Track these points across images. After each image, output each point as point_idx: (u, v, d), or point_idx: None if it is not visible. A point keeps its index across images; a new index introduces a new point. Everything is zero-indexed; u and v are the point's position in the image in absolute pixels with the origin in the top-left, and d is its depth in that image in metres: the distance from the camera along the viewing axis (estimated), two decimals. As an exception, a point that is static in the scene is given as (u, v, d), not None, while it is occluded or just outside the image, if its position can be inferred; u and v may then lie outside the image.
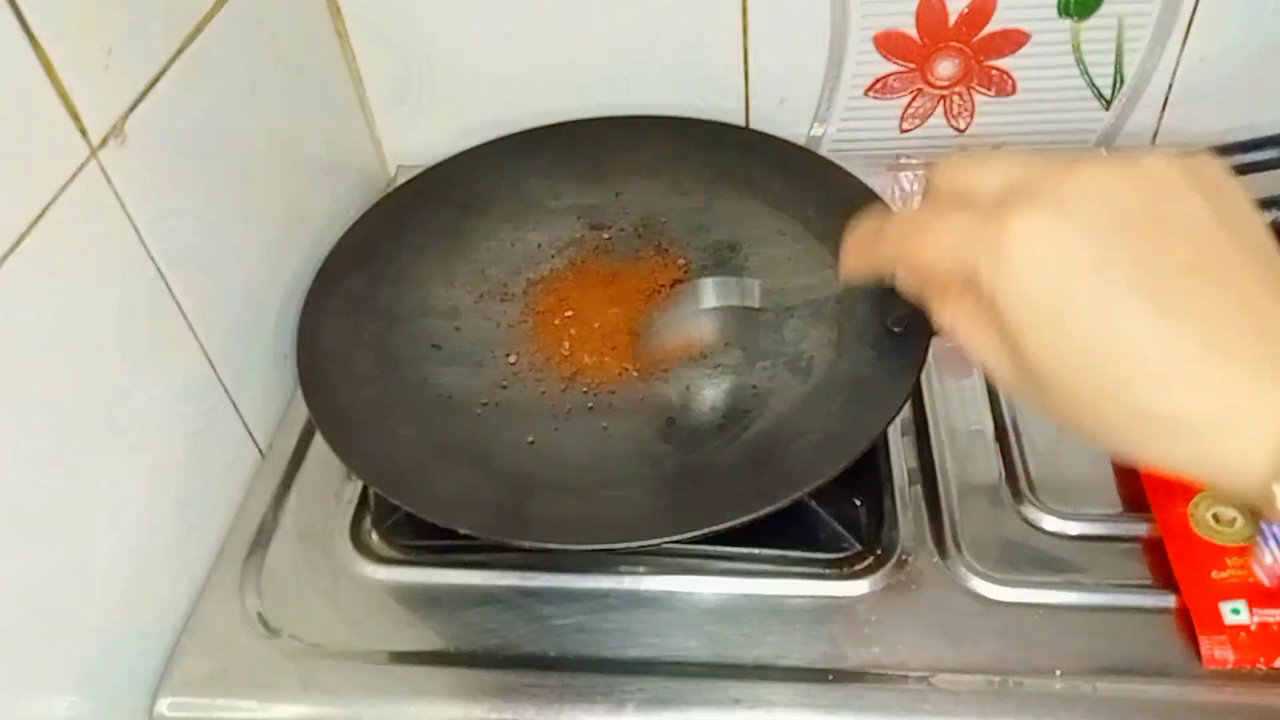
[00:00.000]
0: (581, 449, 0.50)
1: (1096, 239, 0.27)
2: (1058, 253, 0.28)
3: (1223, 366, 0.26)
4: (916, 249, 0.32)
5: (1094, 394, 0.28)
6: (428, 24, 0.66)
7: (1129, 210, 0.28)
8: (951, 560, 0.47)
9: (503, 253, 0.61)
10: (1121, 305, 0.27)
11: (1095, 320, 0.27)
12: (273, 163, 0.57)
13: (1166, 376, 0.27)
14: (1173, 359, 0.26)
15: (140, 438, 0.46)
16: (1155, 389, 0.27)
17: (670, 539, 0.44)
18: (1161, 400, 0.27)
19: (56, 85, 0.40)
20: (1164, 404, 0.27)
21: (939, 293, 0.33)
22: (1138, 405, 0.27)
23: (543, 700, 0.43)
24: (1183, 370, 0.26)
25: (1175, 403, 0.27)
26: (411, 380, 0.54)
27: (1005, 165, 0.30)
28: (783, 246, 0.58)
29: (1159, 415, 0.27)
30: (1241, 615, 0.43)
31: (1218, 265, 0.27)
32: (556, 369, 0.54)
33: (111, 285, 0.44)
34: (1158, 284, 0.27)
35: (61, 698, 0.42)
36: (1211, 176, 0.29)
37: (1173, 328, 0.27)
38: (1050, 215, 0.28)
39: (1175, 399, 0.27)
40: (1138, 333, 0.27)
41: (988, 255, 0.29)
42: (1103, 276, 0.27)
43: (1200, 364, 0.26)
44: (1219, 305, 0.27)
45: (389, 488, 0.47)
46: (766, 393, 0.52)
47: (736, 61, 0.66)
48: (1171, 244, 0.27)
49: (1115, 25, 0.63)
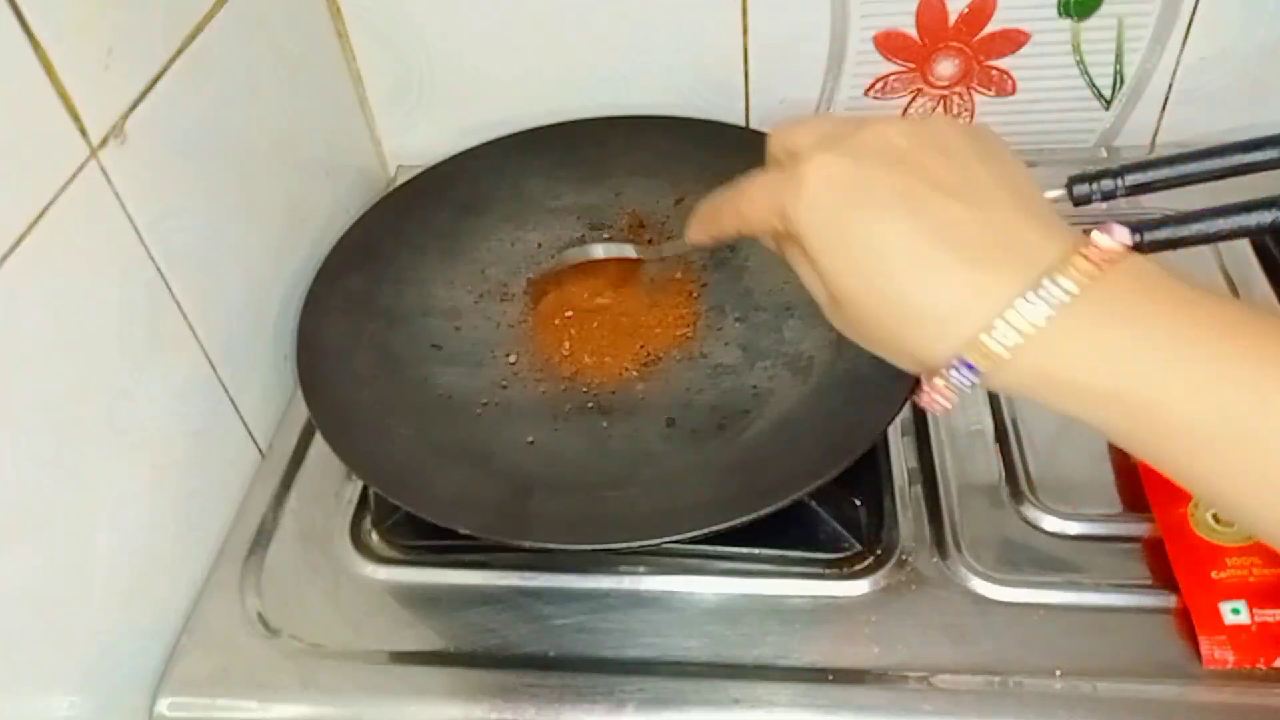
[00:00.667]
0: (581, 449, 0.50)
1: (870, 170, 0.32)
2: (837, 183, 0.33)
3: (956, 258, 0.31)
4: (743, 207, 0.37)
5: (872, 300, 0.32)
6: (428, 24, 0.66)
7: (902, 148, 0.33)
8: (951, 560, 0.47)
9: (503, 252, 0.61)
10: (879, 211, 0.32)
11: (864, 230, 0.32)
12: (273, 163, 0.57)
13: (917, 271, 0.31)
14: (922, 256, 0.31)
15: (140, 438, 0.46)
16: (909, 282, 0.31)
17: (670, 539, 0.44)
18: (913, 292, 0.31)
19: (56, 85, 0.40)
20: (915, 295, 0.31)
21: (776, 242, 0.38)
22: (898, 300, 0.32)
23: (543, 700, 0.43)
24: (930, 266, 0.31)
25: (923, 295, 0.31)
26: (411, 380, 0.54)
27: (818, 125, 0.35)
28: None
29: (912, 306, 0.31)
30: (1241, 615, 0.43)
31: (973, 190, 0.32)
32: (556, 369, 0.54)
33: (111, 285, 0.44)
34: (916, 200, 0.31)
35: (62, 697, 0.42)
36: (984, 132, 0.34)
37: (925, 233, 0.31)
38: (834, 155, 0.33)
39: (923, 292, 0.31)
40: (895, 236, 0.31)
41: (789, 197, 0.33)
42: (870, 195, 0.32)
43: (938, 255, 0.31)
44: (968, 219, 0.31)
45: (389, 488, 0.47)
46: (766, 393, 0.52)
47: (736, 61, 0.66)
48: (934, 172, 0.32)
49: (1115, 25, 0.63)
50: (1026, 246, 0.31)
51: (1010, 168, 0.33)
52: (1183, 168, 0.40)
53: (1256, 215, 0.38)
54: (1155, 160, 0.40)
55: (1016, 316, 0.29)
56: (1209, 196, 0.41)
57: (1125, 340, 0.29)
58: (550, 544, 0.45)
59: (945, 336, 0.31)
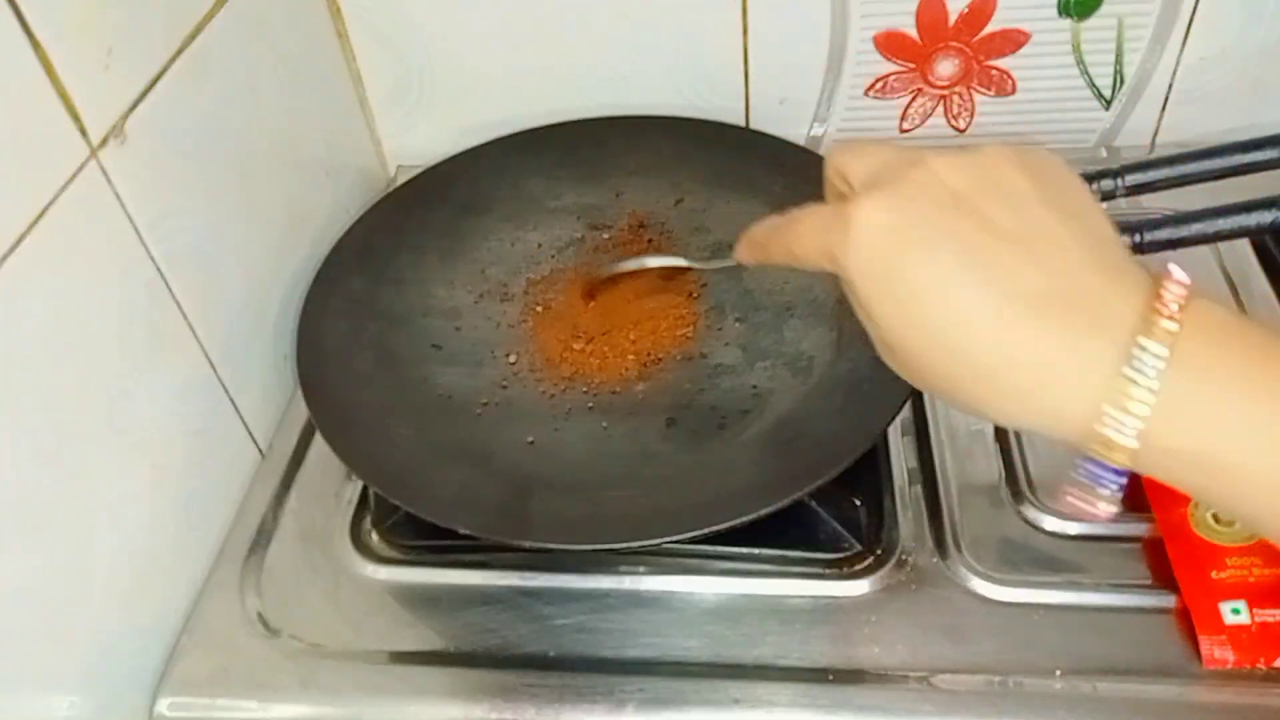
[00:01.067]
0: (582, 449, 0.50)
1: (926, 217, 0.30)
2: (890, 231, 0.31)
3: (1037, 326, 0.29)
4: (793, 245, 0.35)
5: (934, 356, 0.31)
6: (428, 24, 0.66)
7: (959, 191, 0.30)
8: (951, 560, 0.47)
9: (503, 253, 0.61)
10: (946, 273, 0.30)
11: (924, 287, 0.30)
12: (273, 163, 0.57)
13: (988, 335, 0.29)
14: (992, 319, 0.29)
15: (140, 438, 0.46)
16: (981, 347, 0.29)
17: (670, 539, 0.44)
18: (986, 357, 0.29)
19: (56, 85, 0.40)
20: (988, 360, 0.29)
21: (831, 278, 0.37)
22: (968, 363, 0.30)
23: (543, 700, 0.43)
24: (1002, 329, 0.29)
25: (997, 359, 0.29)
26: (411, 380, 0.54)
27: (874, 155, 0.33)
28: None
29: (986, 371, 0.29)
30: (1241, 615, 0.43)
31: (1037, 237, 0.30)
32: (556, 369, 0.54)
33: (111, 285, 0.44)
34: (981, 253, 0.29)
35: (62, 697, 0.42)
36: (1042, 162, 0.32)
37: (980, 284, 0.29)
38: (886, 199, 0.31)
39: (996, 355, 0.29)
40: (950, 288, 0.29)
41: (838, 239, 0.32)
42: (930, 248, 0.30)
43: (1018, 324, 0.29)
44: (1037, 272, 0.29)
45: (389, 488, 0.47)
46: (767, 393, 0.52)
47: (736, 61, 0.66)
48: (996, 219, 0.30)
49: (1115, 25, 0.63)
50: (1103, 304, 0.29)
51: (1075, 204, 0.31)
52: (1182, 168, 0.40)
53: (1256, 215, 0.38)
54: (1155, 160, 0.40)
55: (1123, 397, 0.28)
56: (1209, 196, 0.41)
57: (1208, 398, 0.28)
58: (550, 544, 0.45)
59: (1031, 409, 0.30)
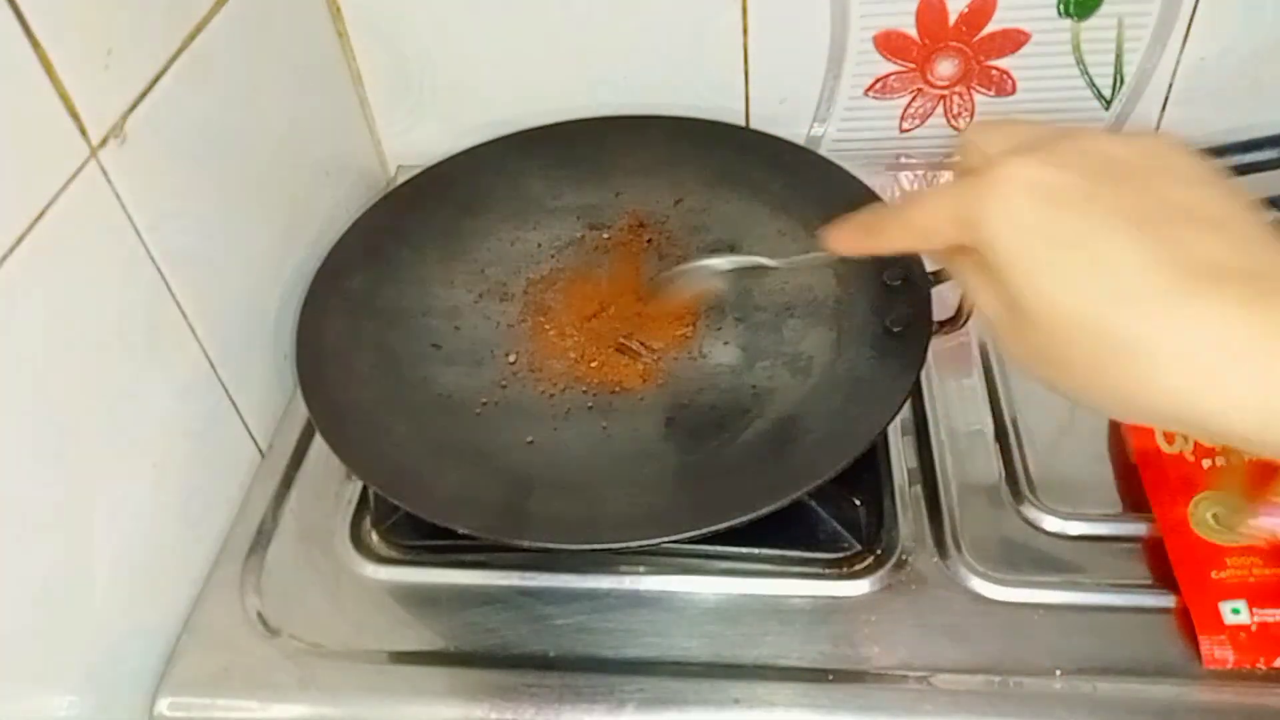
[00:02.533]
0: (581, 449, 0.50)
1: (1086, 180, 0.28)
2: (1046, 189, 0.28)
3: (1213, 298, 0.26)
4: (917, 216, 0.33)
5: (1083, 330, 0.27)
6: (428, 24, 0.66)
7: (1119, 160, 0.29)
8: (951, 560, 0.47)
9: (502, 252, 0.61)
10: (1107, 229, 0.27)
11: (1079, 244, 0.27)
12: (273, 163, 0.57)
13: (1153, 301, 0.26)
14: (1158, 282, 0.26)
15: (140, 437, 0.46)
16: (1139, 308, 0.26)
17: (670, 538, 0.44)
18: (1144, 321, 0.26)
19: (56, 85, 0.40)
20: (1146, 325, 0.26)
21: (946, 257, 0.34)
22: (1125, 335, 0.27)
23: (542, 700, 0.43)
24: (1171, 295, 0.26)
25: (1160, 325, 0.26)
26: (411, 380, 0.54)
27: (1015, 131, 0.31)
28: (782, 246, 0.58)
29: (1144, 338, 0.26)
30: (1241, 615, 0.43)
31: (1208, 209, 0.27)
32: (556, 368, 0.54)
33: (112, 285, 0.44)
34: (1147, 217, 0.27)
35: (62, 697, 0.42)
36: (1196, 152, 0.30)
37: (1160, 253, 0.26)
38: (1039, 158, 0.29)
39: (1160, 321, 0.26)
40: (1123, 256, 0.27)
41: (979, 200, 0.29)
42: (1088, 203, 0.28)
43: (1187, 292, 0.26)
44: (1210, 241, 0.27)
45: (388, 487, 0.47)
46: (766, 393, 0.52)
47: (736, 61, 0.66)
48: (1162, 187, 0.28)
49: (1115, 25, 0.63)
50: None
51: (1239, 192, 0.29)
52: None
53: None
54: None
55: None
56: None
57: None
58: (549, 544, 0.45)
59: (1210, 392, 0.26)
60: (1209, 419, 0.26)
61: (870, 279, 0.54)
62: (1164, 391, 0.27)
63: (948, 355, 0.56)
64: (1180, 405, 0.26)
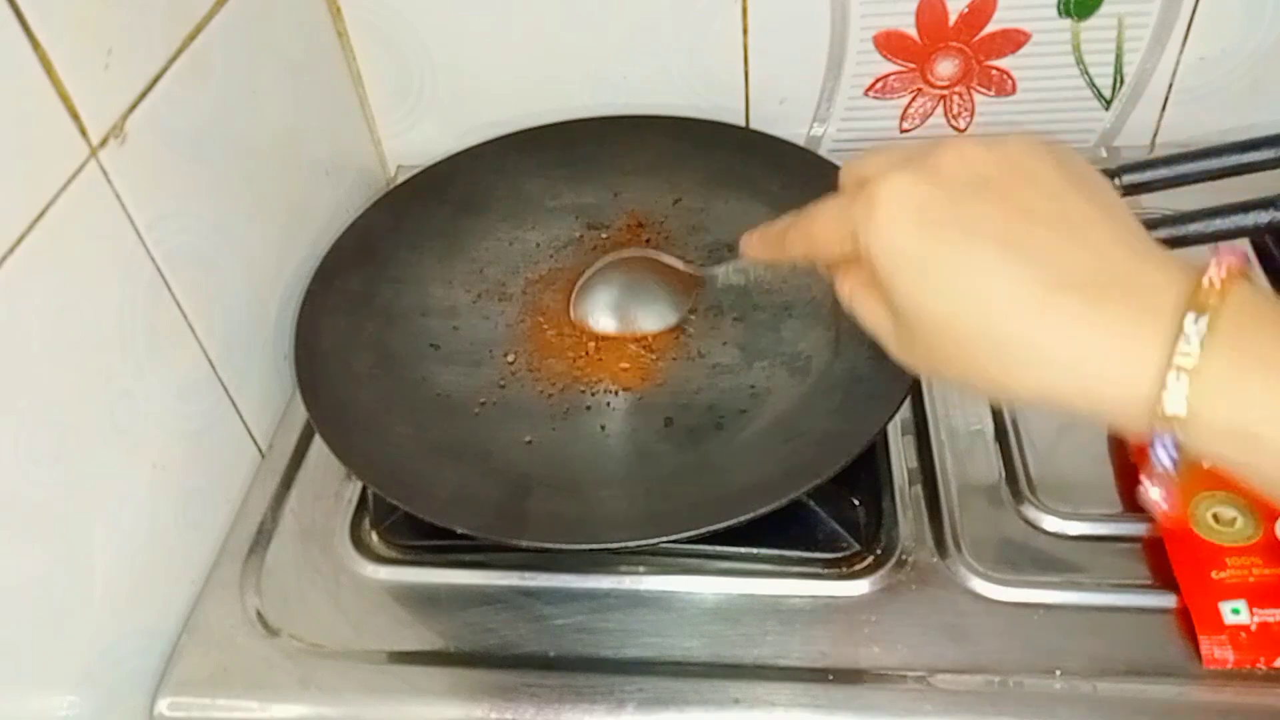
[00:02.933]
0: (579, 449, 0.50)
1: (953, 193, 0.31)
2: (916, 205, 0.31)
3: (1081, 304, 0.28)
4: (814, 229, 0.36)
5: (958, 333, 0.30)
6: (428, 24, 0.66)
7: (985, 172, 0.31)
8: (951, 560, 0.47)
9: (501, 252, 0.61)
10: (975, 245, 0.30)
11: (951, 259, 0.30)
12: (273, 163, 0.57)
13: (1017, 308, 0.29)
14: (1021, 292, 0.29)
15: (140, 437, 0.46)
16: (1008, 316, 0.29)
17: (668, 538, 0.44)
18: (1013, 326, 0.29)
19: (56, 85, 0.40)
20: (1016, 329, 0.29)
21: (837, 270, 0.37)
22: (994, 338, 0.29)
23: (542, 700, 0.43)
24: (1032, 303, 0.29)
25: (1026, 329, 0.29)
26: (409, 379, 0.54)
27: (891, 152, 0.34)
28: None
29: (1014, 340, 0.29)
30: (1241, 615, 0.43)
31: (1068, 218, 0.30)
32: (554, 368, 0.54)
33: (111, 285, 0.44)
34: (1010, 231, 0.29)
35: (61, 697, 0.42)
36: (1068, 154, 0.32)
37: (1023, 265, 0.29)
38: (912, 174, 0.31)
39: (1027, 325, 0.29)
40: (990, 269, 0.29)
41: (860, 218, 0.32)
42: (957, 221, 0.30)
43: (1061, 302, 0.28)
44: (1068, 251, 0.29)
45: (386, 487, 0.47)
46: (764, 393, 0.52)
47: (736, 61, 0.66)
48: (1025, 199, 0.30)
49: (1115, 25, 0.63)
50: (1145, 285, 0.28)
51: (1102, 194, 0.31)
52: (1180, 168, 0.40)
53: (1254, 215, 0.38)
54: (1153, 160, 0.40)
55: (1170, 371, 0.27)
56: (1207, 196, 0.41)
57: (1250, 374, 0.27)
58: (548, 544, 0.45)
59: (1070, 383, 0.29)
60: (1070, 404, 0.29)
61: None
62: (1028, 382, 0.30)
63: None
64: (1045, 393, 0.30)
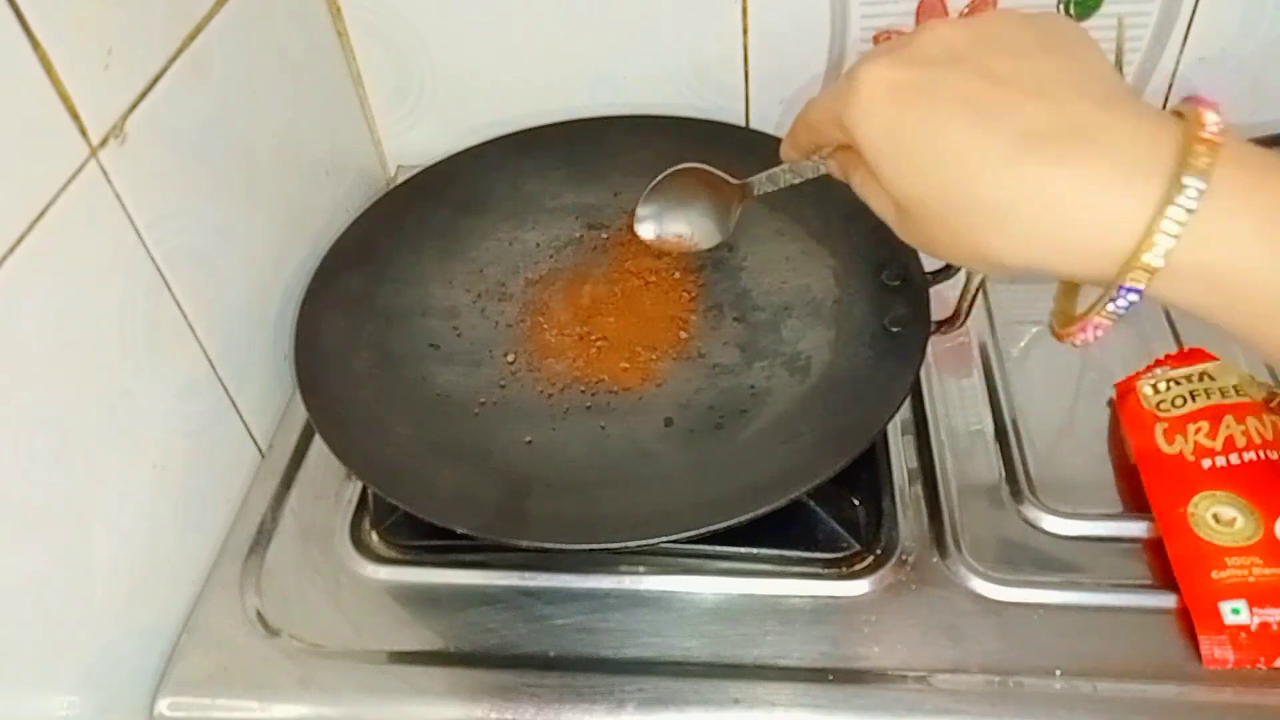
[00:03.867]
0: (579, 449, 0.50)
1: (924, 70, 0.32)
2: (890, 86, 0.32)
3: (1043, 159, 0.29)
4: (811, 116, 0.37)
5: (943, 205, 0.32)
6: (428, 24, 0.66)
7: (957, 46, 0.32)
8: (951, 560, 0.47)
9: (501, 252, 0.61)
10: (943, 114, 0.31)
11: (925, 133, 0.31)
12: (273, 163, 0.57)
13: (994, 173, 0.30)
14: (991, 155, 0.30)
15: (141, 437, 0.46)
16: (988, 186, 0.30)
17: (667, 538, 0.44)
18: (986, 190, 0.30)
19: (56, 85, 0.40)
20: (997, 198, 0.30)
21: (845, 162, 0.38)
22: (978, 206, 0.31)
23: (542, 700, 0.43)
24: (1008, 165, 0.30)
25: (1007, 196, 0.30)
26: (409, 379, 0.54)
27: (891, 40, 0.36)
28: (780, 246, 0.58)
29: (997, 210, 0.30)
30: (1241, 615, 0.43)
31: (1040, 83, 0.31)
32: (554, 368, 0.54)
33: (112, 285, 0.44)
34: (980, 98, 0.31)
35: (62, 697, 0.42)
36: (1050, 18, 0.33)
37: (989, 128, 0.30)
38: (887, 58, 0.33)
39: (1006, 192, 0.30)
40: (959, 135, 0.31)
41: (844, 104, 0.33)
42: (926, 95, 0.31)
43: (1025, 159, 0.29)
44: (1037, 110, 0.30)
45: (386, 487, 0.47)
46: (764, 393, 0.52)
47: (736, 61, 0.66)
48: (996, 69, 0.31)
49: (1115, 25, 0.63)
50: (1118, 135, 0.29)
51: (1080, 52, 0.32)
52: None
53: None
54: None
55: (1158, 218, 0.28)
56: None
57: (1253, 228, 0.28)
58: (547, 543, 0.45)
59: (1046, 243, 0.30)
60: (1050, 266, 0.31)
61: (868, 278, 0.54)
62: (1014, 245, 0.31)
63: (947, 355, 0.56)
64: (1026, 256, 0.31)
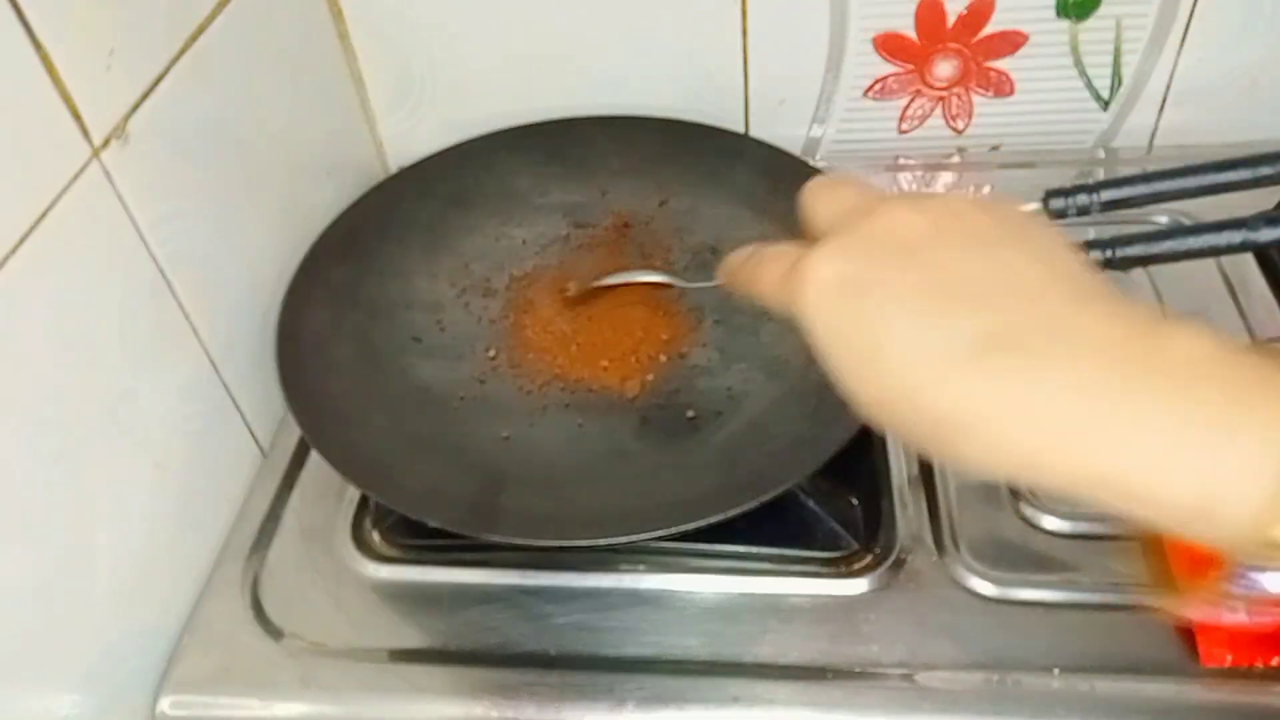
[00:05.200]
0: (556, 445, 0.51)
1: (874, 268, 0.30)
2: (840, 285, 0.30)
3: (987, 371, 0.27)
4: (757, 281, 0.35)
5: (890, 411, 0.29)
6: (429, 25, 0.66)
7: (910, 237, 0.30)
8: (950, 559, 0.47)
9: (487, 248, 0.61)
10: (889, 315, 0.29)
11: (867, 335, 0.29)
12: (274, 163, 0.58)
13: (933, 379, 0.28)
14: (937, 362, 0.28)
15: (142, 437, 0.46)
16: (925, 392, 0.28)
17: (638, 537, 0.43)
18: (935, 401, 0.28)
19: (58, 86, 0.40)
20: (939, 404, 0.28)
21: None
22: (921, 411, 0.28)
23: (543, 698, 0.44)
24: (953, 374, 0.28)
25: (947, 403, 0.28)
26: (390, 372, 0.54)
27: (839, 201, 0.33)
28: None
29: (941, 416, 0.28)
30: (1239, 614, 0.43)
31: (991, 279, 0.29)
32: (535, 365, 0.54)
33: (113, 285, 0.44)
34: (930, 298, 0.29)
35: (64, 696, 0.42)
36: (1008, 207, 0.31)
37: (938, 334, 0.28)
38: (838, 251, 0.31)
39: (947, 400, 0.28)
40: (904, 339, 0.29)
41: (796, 289, 0.32)
42: (873, 294, 0.29)
43: (960, 372, 0.27)
44: (986, 315, 0.28)
45: (361, 479, 0.47)
46: (741, 395, 0.52)
47: (736, 62, 0.66)
48: (949, 263, 0.29)
49: (1113, 27, 0.63)
50: (1087, 334, 0.27)
51: (1043, 246, 0.30)
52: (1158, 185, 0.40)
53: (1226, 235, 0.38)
54: (1131, 177, 0.40)
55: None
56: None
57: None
58: (518, 539, 0.45)
59: (1003, 457, 0.27)
60: (1013, 472, 0.28)
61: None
62: (997, 460, 0.28)
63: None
64: (1023, 472, 0.28)
